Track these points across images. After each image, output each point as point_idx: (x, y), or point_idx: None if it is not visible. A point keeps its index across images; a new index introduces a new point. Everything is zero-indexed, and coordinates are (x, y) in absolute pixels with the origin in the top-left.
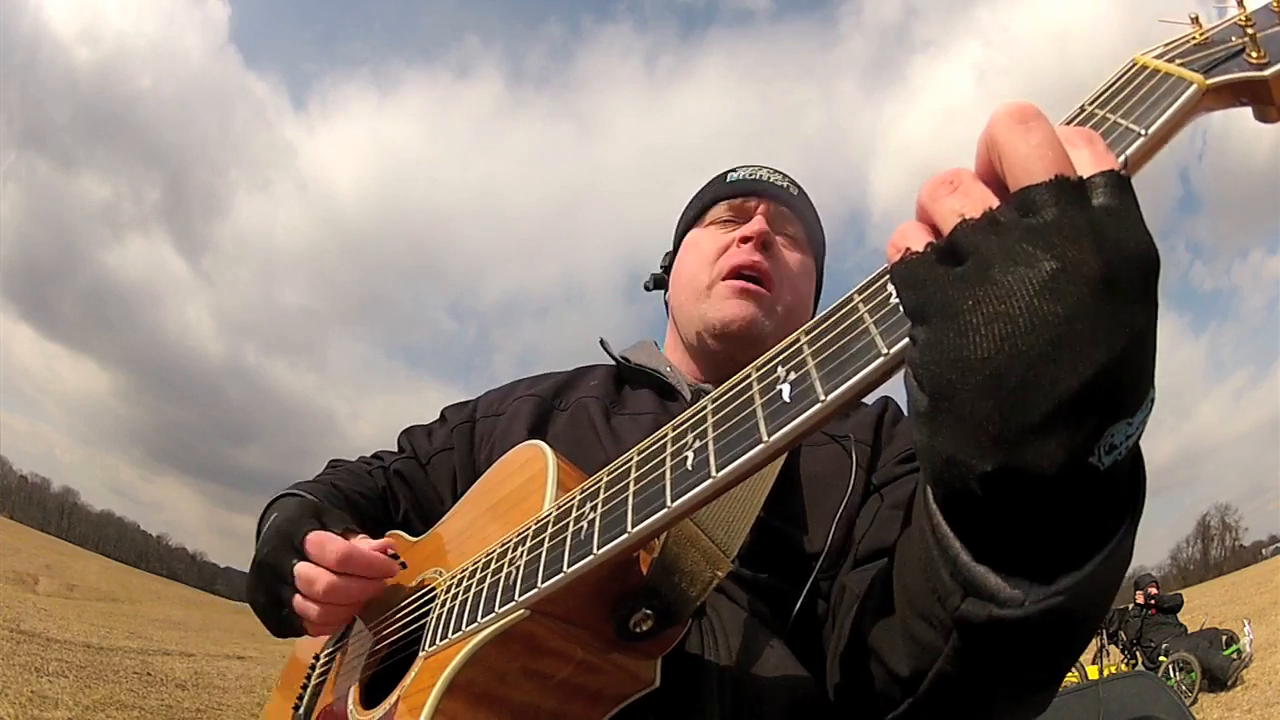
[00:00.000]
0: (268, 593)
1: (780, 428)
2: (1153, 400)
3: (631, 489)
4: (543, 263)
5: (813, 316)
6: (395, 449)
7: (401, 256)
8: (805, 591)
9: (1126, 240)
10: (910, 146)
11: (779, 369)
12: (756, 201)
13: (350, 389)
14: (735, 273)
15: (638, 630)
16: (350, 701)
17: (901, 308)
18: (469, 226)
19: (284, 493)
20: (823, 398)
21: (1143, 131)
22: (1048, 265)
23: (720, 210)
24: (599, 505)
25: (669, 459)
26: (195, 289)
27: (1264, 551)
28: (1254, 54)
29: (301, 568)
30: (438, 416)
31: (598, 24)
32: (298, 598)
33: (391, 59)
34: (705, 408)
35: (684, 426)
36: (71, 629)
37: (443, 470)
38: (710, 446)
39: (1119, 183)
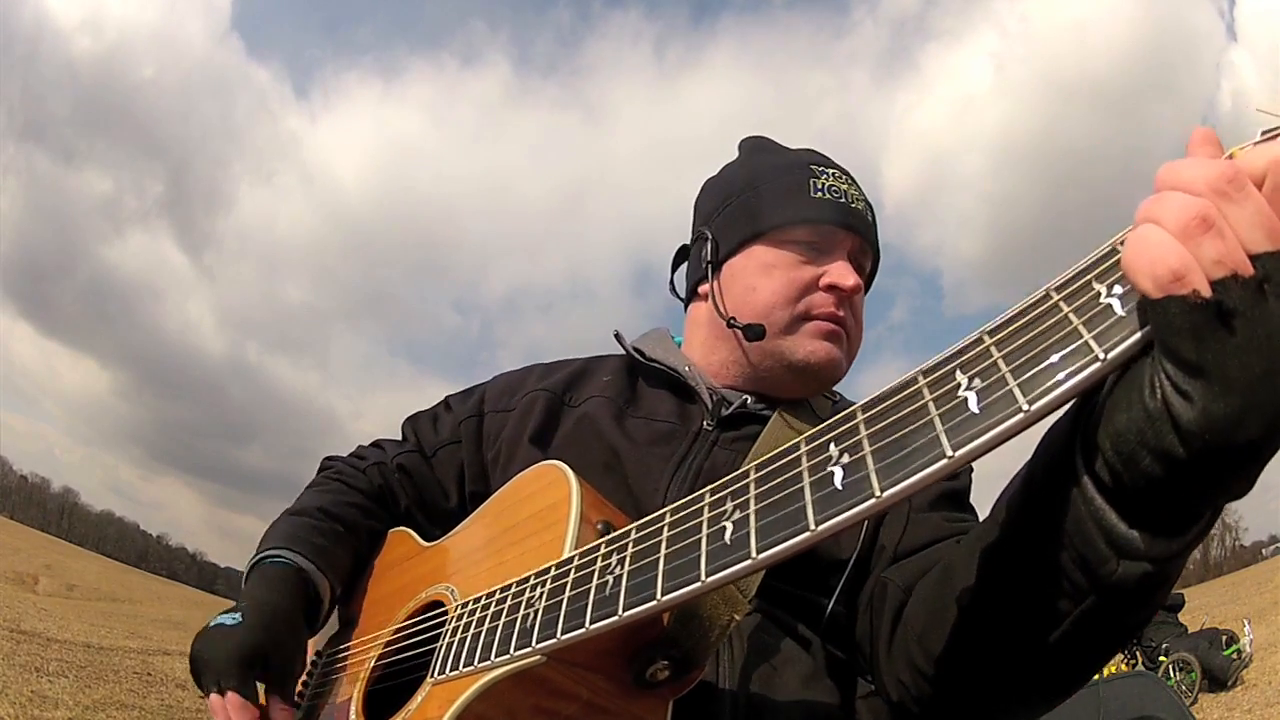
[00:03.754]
0: (193, 675)
1: (829, 519)
2: None
3: (663, 551)
4: (548, 256)
5: None
6: (398, 437)
7: (405, 250)
8: (832, 595)
9: None
10: (924, 136)
11: (831, 446)
12: (844, 235)
13: (352, 387)
14: (819, 320)
15: (655, 679)
16: (352, 711)
17: (1171, 348)
18: (473, 219)
19: (270, 554)
20: (878, 494)
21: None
22: None
23: (802, 233)
24: (626, 561)
25: (705, 525)
26: (197, 285)
27: (1264, 551)
28: None
29: (213, 699)
30: (441, 402)
31: (607, 8)
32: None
33: (396, 46)
34: (748, 475)
35: (724, 492)
36: (71, 629)
37: (449, 464)
38: (751, 522)
39: None
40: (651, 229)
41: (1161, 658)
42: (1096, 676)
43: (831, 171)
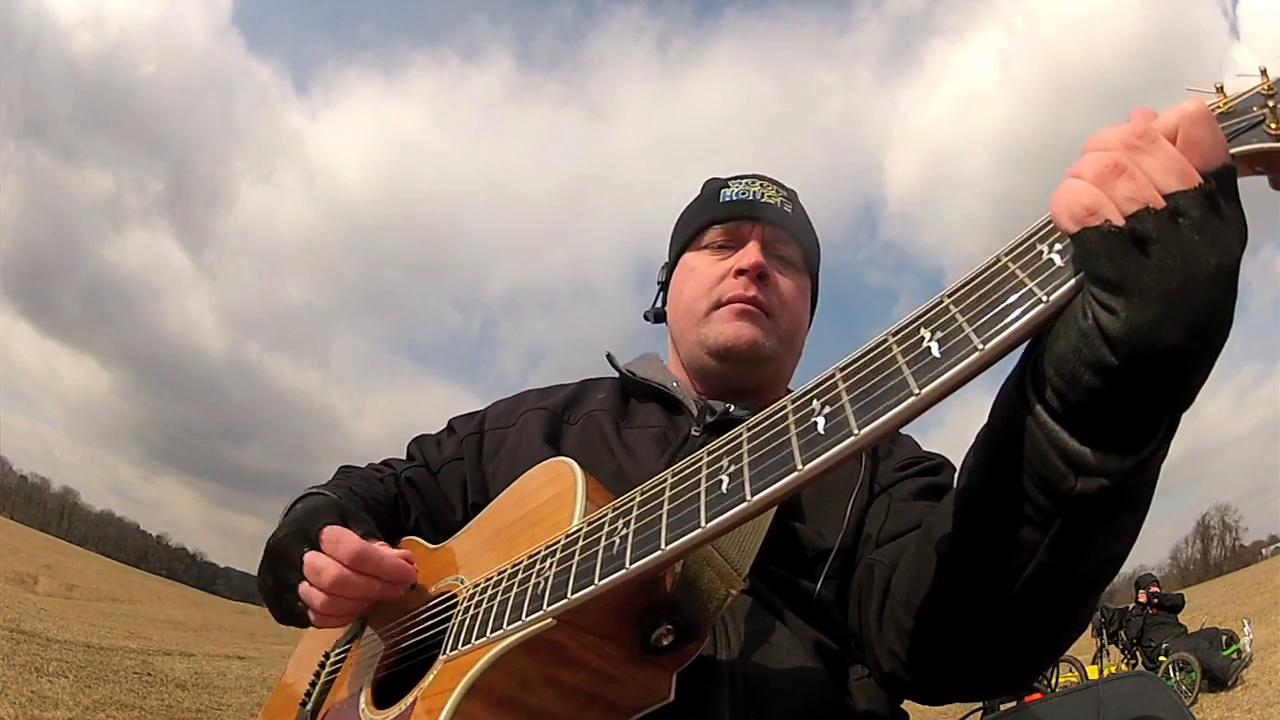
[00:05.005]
0: (275, 576)
1: (815, 457)
2: None
3: (666, 508)
4: (550, 254)
5: (809, 327)
6: (404, 457)
7: (406, 248)
8: (820, 580)
9: (1239, 237)
10: (927, 133)
11: (814, 402)
12: (751, 226)
13: (353, 386)
14: (732, 304)
15: (659, 644)
16: (362, 700)
17: (1093, 272)
18: (475, 216)
19: (308, 491)
20: (856, 431)
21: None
22: (1213, 261)
23: (714, 234)
24: (632, 522)
25: (704, 481)
26: (197, 283)
27: (1264, 551)
28: (1273, 125)
29: (310, 556)
30: (445, 427)
31: (609, 3)
32: (304, 585)
33: (397, 41)
34: (740, 434)
35: (719, 451)
36: (71, 629)
37: (453, 479)
38: (746, 471)
39: (1233, 191)
40: (654, 227)
41: (1161, 658)
42: (1096, 676)
43: (745, 180)
